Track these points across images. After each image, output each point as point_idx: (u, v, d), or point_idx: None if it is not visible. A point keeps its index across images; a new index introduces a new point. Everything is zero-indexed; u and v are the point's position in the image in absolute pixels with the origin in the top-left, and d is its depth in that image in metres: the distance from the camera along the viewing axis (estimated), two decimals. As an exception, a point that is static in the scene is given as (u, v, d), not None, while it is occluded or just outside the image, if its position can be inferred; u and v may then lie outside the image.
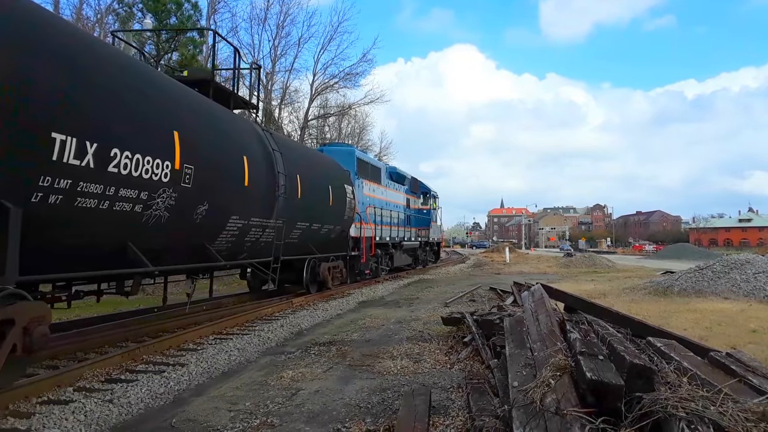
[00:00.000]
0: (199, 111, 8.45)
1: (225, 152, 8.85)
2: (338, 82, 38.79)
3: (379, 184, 21.51)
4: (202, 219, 8.15)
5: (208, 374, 6.69)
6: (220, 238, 9.11)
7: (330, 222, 14.50)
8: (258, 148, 10.23)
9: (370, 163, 21.18)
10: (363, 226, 18.30)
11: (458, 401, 5.33)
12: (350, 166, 17.93)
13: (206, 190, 8.05)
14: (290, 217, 11.56)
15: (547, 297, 6.64)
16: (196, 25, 22.37)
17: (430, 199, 30.24)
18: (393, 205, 22.97)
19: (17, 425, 4.76)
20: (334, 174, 15.16)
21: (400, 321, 10.83)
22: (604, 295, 14.66)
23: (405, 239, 24.44)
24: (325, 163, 15.14)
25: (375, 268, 20.51)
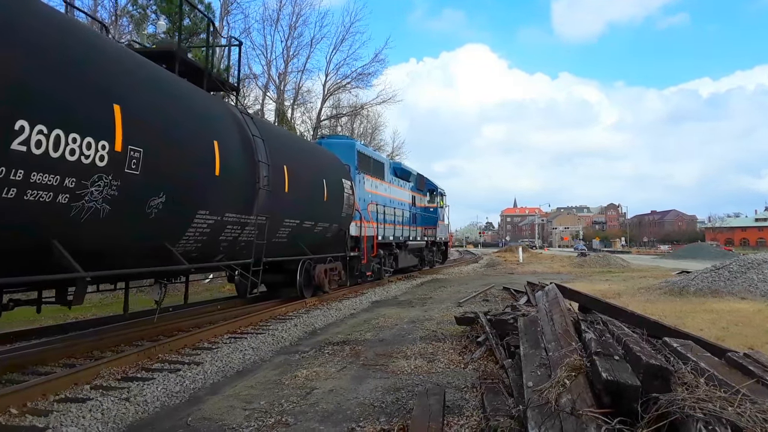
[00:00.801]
0: (154, 85, 7.09)
1: (189, 135, 7.55)
2: (350, 82, 38.82)
3: (383, 180, 20.23)
4: (159, 214, 6.89)
5: (223, 373, 6.74)
6: (186, 237, 7.85)
7: (325, 220, 13.17)
8: (234, 133, 8.95)
9: (373, 158, 19.82)
10: (364, 225, 17.04)
11: (472, 401, 5.32)
12: (350, 160, 16.80)
13: (162, 179, 6.84)
14: (276, 213, 10.26)
15: (561, 297, 6.61)
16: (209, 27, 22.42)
17: (437, 197, 28.70)
18: (397, 203, 21.68)
19: (35, 423, 4.81)
20: (330, 167, 13.79)
21: (413, 320, 10.83)
22: (618, 295, 14.57)
23: (410, 239, 23.05)
24: (319, 155, 13.78)
25: (377, 270, 19.25)
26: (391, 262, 20.72)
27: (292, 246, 11.91)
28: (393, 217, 20.52)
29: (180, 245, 7.80)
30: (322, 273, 13.74)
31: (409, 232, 22.72)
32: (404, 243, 21.95)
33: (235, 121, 9.24)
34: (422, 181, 27.21)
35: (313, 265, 13.44)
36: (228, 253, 9.42)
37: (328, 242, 14.28)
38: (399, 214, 21.41)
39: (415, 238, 24.06)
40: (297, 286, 12.75)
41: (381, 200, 19.26)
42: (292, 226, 11.38)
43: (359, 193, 16.67)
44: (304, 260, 12.81)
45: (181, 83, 8.16)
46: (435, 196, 28.32)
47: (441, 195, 29.42)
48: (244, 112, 10.06)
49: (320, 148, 15.27)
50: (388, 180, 20.98)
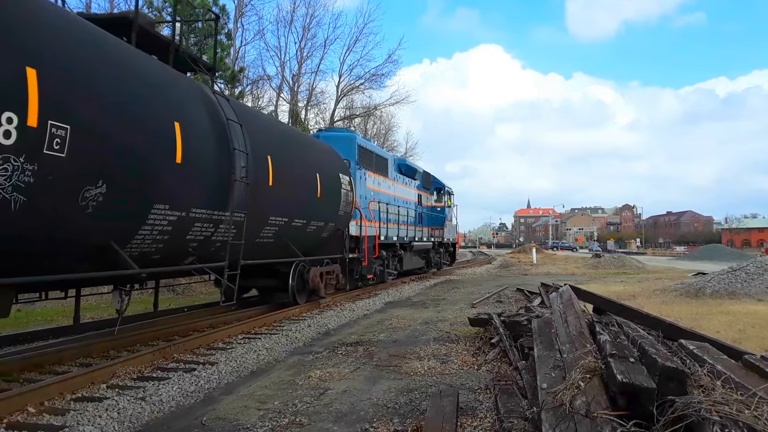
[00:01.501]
0: (92, 49, 5.81)
1: (140, 113, 6.26)
2: (364, 83, 38.89)
3: (386, 177, 18.99)
4: (98, 208, 5.65)
5: (237, 373, 6.77)
6: (141, 235, 6.60)
7: (319, 218, 11.94)
8: (203, 115, 7.72)
9: (375, 153, 18.47)
10: (365, 224, 15.75)
11: (486, 402, 5.31)
12: (350, 155, 15.69)
13: (100, 165, 5.62)
14: (258, 209, 9.05)
15: (575, 298, 6.58)
16: (222, 29, 22.60)
17: (444, 196, 27.20)
18: (402, 201, 20.42)
19: (52, 421, 4.87)
20: (325, 160, 12.58)
21: (426, 322, 10.82)
22: (633, 297, 14.45)
23: (416, 239, 21.75)
24: (312, 147, 12.57)
25: (380, 272, 17.91)
26: (395, 264, 19.65)
27: (280, 247, 10.73)
28: (397, 216, 19.35)
29: (133, 246, 6.62)
30: (317, 277, 12.54)
31: (414, 232, 21.55)
32: (409, 244, 20.87)
33: (205, 102, 8.01)
34: (429, 179, 26.16)
35: (307, 268, 12.21)
36: (200, 254, 8.21)
37: (323, 243, 13.15)
38: (404, 213, 20.31)
39: (421, 239, 22.85)
40: (289, 291, 11.66)
41: (384, 198, 18.20)
42: (278, 225, 10.15)
43: (360, 190, 15.74)
44: (296, 263, 11.68)
45: (132, 51, 6.85)
46: (442, 195, 27.08)
47: (449, 194, 28.19)
48: (219, 93, 8.74)
49: (313, 139, 14.39)
50: (392, 177, 19.89)
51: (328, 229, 12.80)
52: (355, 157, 16.13)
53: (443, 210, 26.67)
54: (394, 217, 19.01)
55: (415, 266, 22.95)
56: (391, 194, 19.32)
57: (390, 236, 18.34)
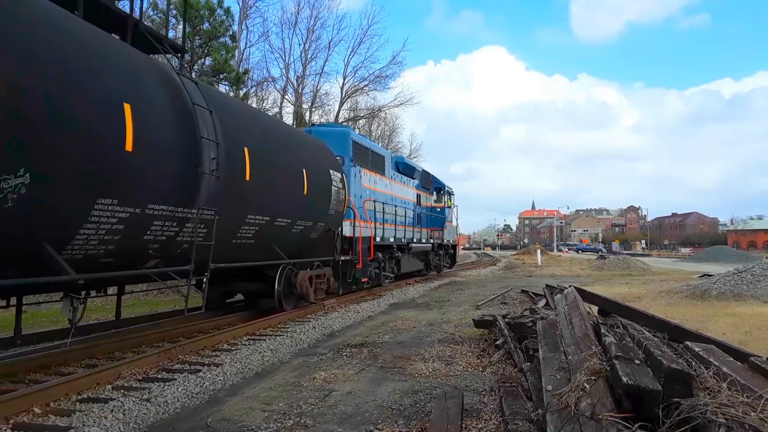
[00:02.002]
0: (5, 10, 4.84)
1: (75, 90, 5.29)
2: (368, 84, 38.94)
3: (383, 175, 18.10)
4: (20, 201, 4.75)
5: (242, 374, 6.78)
6: (83, 235, 5.71)
7: (306, 217, 11.04)
8: (163, 98, 6.79)
9: (371, 150, 17.51)
10: (359, 224, 15.01)
11: (491, 404, 5.30)
12: (344, 151, 14.96)
13: (19, 150, 4.69)
14: (232, 207, 8.24)
15: (580, 300, 6.57)
16: (228, 31, 22.65)
17: (444, 196, 26.26)
18: (400, 201, 19.59)
19: (58, 422, 4.88)
20: (313, 155, 11.72)
21: (431, 323, 10.82)
22: (639, 299, 14.42)
23: (414, 241, 20.80)
24: (298, 141, 11.61)
25: (375, 275, 17.10)
26: (392, 267, 18.69)
27: (262, 249, 9.89)
28: (394, 216, 18.50)
29: (75, 248, 5.73)
30: (306, 281, 11.72)
31: (412, 233, 20.64)
32: (407, 245, 19.96)
33: (167, 83, 7.03)
34: (428, 178, 25.19)
35: (294, 271, 11.41)
36: (165, 257, 7.32)
37: (312, 244, 12.28)
38: (401, 213, 19.41)
39: (420, 240, 21.91)
40: (275, 297, 10.92)
41: (380, 197, 17.34)
42: (259, 224, 9.25)
43: (354, 188, 15.07)
44: (284, 266, 10.93)
45: (71, 18, 5.89)
46: (442, 195, 26.16)
47: (449, 194, 27.36)
48: (185, 75, 7.78)
49: (301, 132, 13.66)
50: (389, 175, 18.95)
51: (317, 229, 11.88)
52: (350, 153, 15.36)
53: (443, 210, 25.92)
54: (391, 217, 18.25)
55: (414, 269, 22.24)
56: (388, 193, 18.53)
57: (386, 237, 17.51)
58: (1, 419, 4.79)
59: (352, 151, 15.49)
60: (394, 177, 19.56)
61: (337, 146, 14.49)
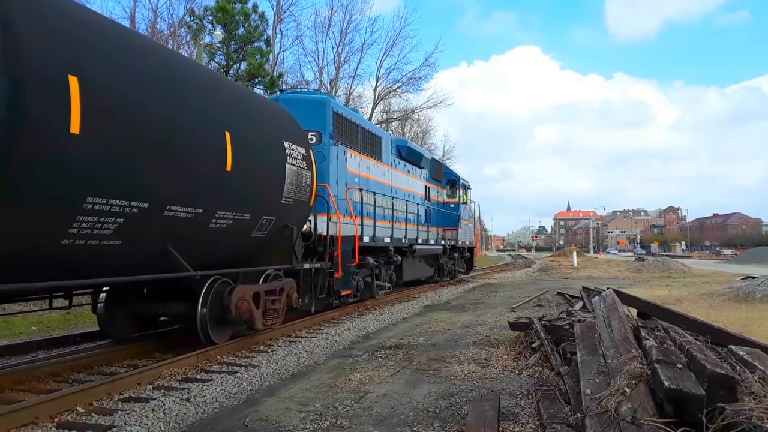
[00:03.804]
0: None
1: None
2: (401, 86, 39.14)
3: (378, 160, 14.73)
4: None
5: (278, 375, 6.85)
6: None
7: (235, 206, 7.58)
8: None
9: (362, 126, 13.94)
10: (338, 220, 11.57)
11: (528, 408, 5.25)
12: (320, 124, 11.73)
13: None
14: (46, 183, 4.91)
15: (619, 302, 6.47)
16: (262, 36, 22.99)
17: (458, 190, 22.49)
18: (402, 193, 16.30)
19: (101, 421, 5.00)
20: (245, 115, 8.11)
21: (466, 325, 10.77)
22: (679, 301, 14.11)
23: (420, 242, 17.36)
24: (215, 87, 7.74)
25: (364, 286, 13.33)
26: (389, 274, 15.12)
27: (139, 254, 6.43)
28: (391, 211, 14.99)
29: None
30: (247, 300, 8.00)
31: (416, 232, 17.20)
32: (410, 247, 16.37)
33: None
34: (439, 168, 21.68)
35: (229, 287, 7.89)
36: None
37: (257, 247, 8.84)
38: (401, 207, 15.99)
39: (427, 241, 18.52)
40: (198, 325, 7.47)
41: (374, 187, 14.11)
42: (126, 214, 5.76)
43: (335, 172, 12.02)
44: (213, 279, 7.61)
45: None
46: (456, 189, 22.46)
47: (465, 188, 23.58)
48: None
49: (222, 77, 10.03)
50: (388, 161, 15.61)
51: (263, 225, 8.47)
52: (328, 127, 11.93)
53: (457, 207, 22.36)
54: (387, 212, 14.86)
55: (421, 275, 19.10)
56: (386, 183, 15.24)
57: (379, 237, 14.07)
58: (47, 418, 4.92)
59: (333, 125, 12.10)
60: (395, 164, 16.30)
61: (311, 118, 11.48)
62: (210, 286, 7.59)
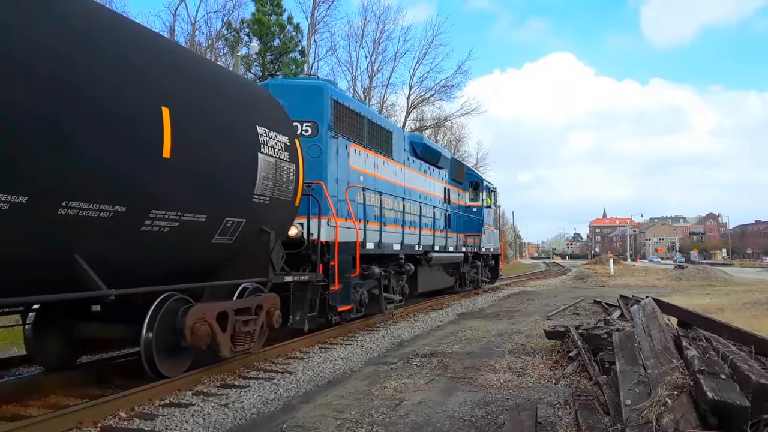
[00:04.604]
0: None
1: None
2: (434, 94, 39.23)
3: (388, 157, 13.10)
4: None
5: (314, 382, 6.90)
6: None
7: (181, 205, 5.95)
8: None
9: (368, 119, 12.26)
10: (337, 224, 10.04)
11: (566, 418, 5.19)
12: (316, 113, 10.19)
13: None
14: None
15: (659, 311, 6.36)
16: (297, 46, 23.33)
17: (482, 193, 20.61)
18: (417, 195, 14.64)
19: (142, 426, 5.11)
20: (195, 87, 6.42)
21: (501, 333, 10.68)
22: (721, 310, 13.76)
23: (437, 249, 15.61)
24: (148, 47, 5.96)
25: (369, 299, 11.47)
26: (400, 285, 13.26)
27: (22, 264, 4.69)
28: (402, 214, 13.34)
29: None
30: (206, 323, 6.44)
31: (433, 238, 15.47)
32: (425, 255, 14.61)
33: None
34: (460, 169, 19.85)
35: (185, 305, 6.36)
36: None
37: (224, 257, 7.16)
38: (414, 210, 14.21)
39: (446, 248, 16.68)
40: (142, 352, 6.11)
41: (384, 187, 12.53)
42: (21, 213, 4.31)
43: (334, 169, 10.42)
44: (166, 296, 6.20)
45: None
46: (480, 192, 20.59)
47: (489, 190, 21.72)
48: None
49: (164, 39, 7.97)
50: (401, 160, 13.93)
51: (227, 229, 6.80)
52: (326, 117, 10.31)
53: (480, 211, 20.42)
54: (397, 215, 13.18)
55: (439, 285, 17.10)
56: (398, 183, 13.59)
57: (386, 244, 12.36)
58: (90, 423, 5.06)
59: (332, 115, 10.48)
60: (409, 162, 14.59)
61: (306, 106, 10.13)
62: (161, 304, 6.16)
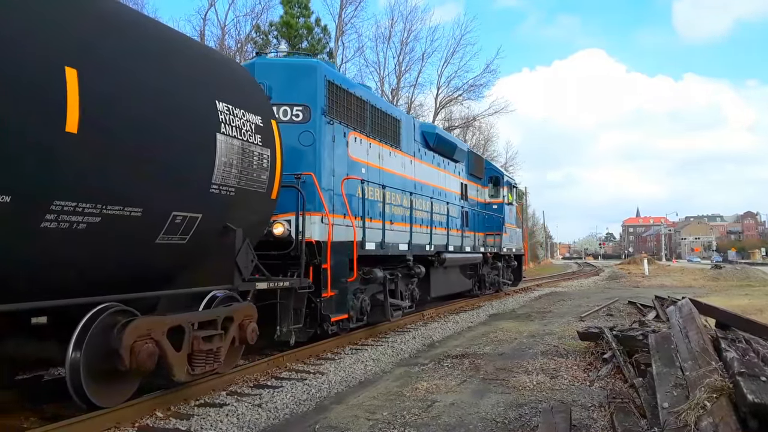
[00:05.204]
0: None
1: None
2: (462, 94, 39.13)
3: (396, 148, 11.78)
4: None
5: (346, 383, 6.94)
6: None
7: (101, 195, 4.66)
8: None
9: (371, 104, 10.86)
10: (330, 221, 8.64)
11: (601, 421, 5.12)
12: (309, 96, 8.90)
13: None
14: None
15: (696, 312, 6.23)
16: (325, 48, 23.47)
17: (502, 189, 19.15)
18: (429, 190, 13.32)
19: (178, 426, 5.21)
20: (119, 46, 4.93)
21: (533, 335, 10.59)
22: (760, 311, 13.42)
23: (450, 249, 14.03)
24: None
25: (372, 307, 10.22)
26: (409, 290, 11.96)
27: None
28: (410, 211, 11.94)
29: None
30: (151, 341, 5.19)
31: (447, 238, 13.97)
32: (437, 256, 13.12)
33: None
34: (479, 163, 18.42)
35: (124, 320, 5.12)
36: None
37: (177, 260, 5.93)
38: (425, 207, 12.88)
39: (461, 248, 15.32)
40: (67, 379, 4.83)
41: (390, 180, 11.22)
42: None
43: (329, 158, 9.12)
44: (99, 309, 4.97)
45: None
46: (500, 188, 19.16)
47: (510, 186, 20.25)
48: None
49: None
50: (410, 151, 12.61)
51: (176, 227, 5.54)
52: (320, 101, 9.01)
53: (501, 208, 18.99)
54: (405, 212, 11.87)
55: (455, 289, 15.66)
56: (407, 177, 12.31)
57: (392, 243, 10.99)
58: (128, 423, 5.17)
59: (327, 98, 9.18)
60: (420, 155, 13.23)
61: (296, 87, 8.97)
62: (93, 318, 4.89)
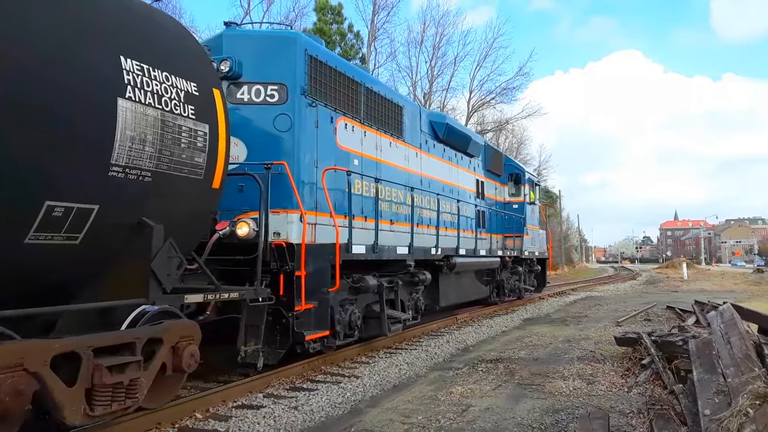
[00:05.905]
0: None
1: None
2: (494, 97, 38.95)
3: (398, 138, 10.25)
4: None
5: (380, 387, 6.96)
6: None
7: None
8: None
9: (365, 86, 9.29)
10: (305, 219, 7.18)
11: (640, 428, 5.05)
12: (284, 73, 7.57)
13: None
14: None
15: (738, 317, 6.10)
16: (358, 54, 23.59)
17: (523, 187, 17.44)
18: (437, 186, 11.76)
19: (217, 427, 5.31)
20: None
21: (568, 339, 10.47)
22: (806, 317, 13.02)
23: (461, 252, 12.40)
24: None
25: (364, 321, 8.77)
26: (413, 299, 10.56)
27: None
28: (409, 208, 10.31)
29: None
30: (27, 374, 3.65)
31: (458, 240, 12.33)
32: (446, 260, 11.68)
33: None
34: (498, 159, 16.67)
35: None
36: None
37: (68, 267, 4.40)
38: (431, 205, 11.39)
39: (476, 252, 13.51)
40: None
41: (389, 174, 9.70)
42: None
43: (310, 145, 7.73)
44: None
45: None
46: (521, 187, 17.45)
47: (532, 184, 18.58)
48: None
49: None
50: (416, 143, 11.07)
51: (56, 221, 4.05)
52: (299, 79, 7.64)
53: (522, 208, 17.30)
54: (405, 211, 10.26)
55: (469, 297, 14.03)
56: (413, 171, 10.84)
57: (388, 246, 9.48)
58: (168, 423, 5.28)
59: (308, 76, 7.79)
60: (427, 147, 11.71)
61: (272, 63, 7.65)
62: None
